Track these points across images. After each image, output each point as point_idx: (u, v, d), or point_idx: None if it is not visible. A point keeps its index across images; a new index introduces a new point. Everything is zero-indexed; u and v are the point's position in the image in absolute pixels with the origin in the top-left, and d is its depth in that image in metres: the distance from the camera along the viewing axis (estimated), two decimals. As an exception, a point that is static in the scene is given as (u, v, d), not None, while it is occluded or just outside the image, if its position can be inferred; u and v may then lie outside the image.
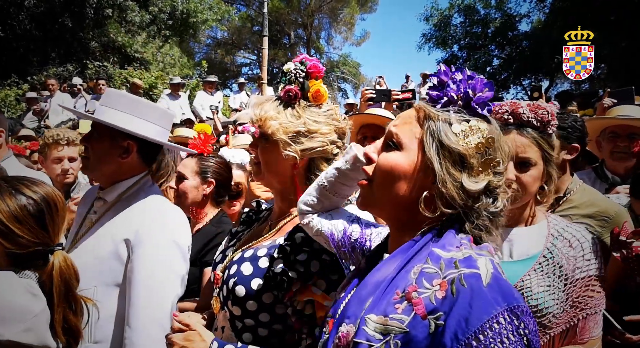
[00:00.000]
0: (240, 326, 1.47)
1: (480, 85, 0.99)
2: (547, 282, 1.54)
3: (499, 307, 0.82)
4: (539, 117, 1.60)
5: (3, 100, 12.83)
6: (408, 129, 1.01)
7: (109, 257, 1.69)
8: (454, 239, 0.95)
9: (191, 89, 14.06)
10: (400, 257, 0.96)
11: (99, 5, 13.72)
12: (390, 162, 1.00)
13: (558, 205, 2.25)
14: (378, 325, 0.88)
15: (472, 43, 23.16)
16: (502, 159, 0.98)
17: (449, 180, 0.94)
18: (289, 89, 1.50)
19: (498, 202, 0.98)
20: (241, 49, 27.83)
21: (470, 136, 0.95)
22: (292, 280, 1.34)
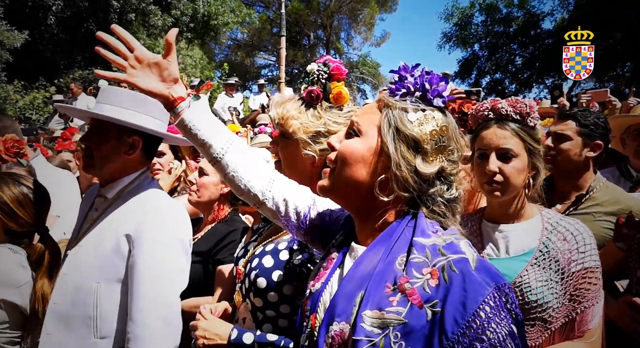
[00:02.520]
0: (262, 317, 1.51)
1: (436, 79, 1.05)
2: (544, 277, 1.54)
3: (489, 287, 0.87)
4: (517, 110, 1.65)
5: (31, 103, 13.22)
6: (368, 118, 1.07)
7: (110, 253, 1.68)
8: (427, 224, 1.00)
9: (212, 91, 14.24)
10: (381, 248, 1.00)
11: (123, 10, 14.02)
12: (349, 147, 1.06)
13: (581, 203, 2.23)
14: (375, 320, 0.91)
15: (494, 42, 22.87)
16: (456, 148, 1.04)
17: (403, 163, 0.99)
18: (311, 90, 1.53)
19: (452, 189, 1.03)
20: (261, 51, 28.05)
21: (425, 124, 1.02)
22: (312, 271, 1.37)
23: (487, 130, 1.68)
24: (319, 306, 1.06)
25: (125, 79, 1.31)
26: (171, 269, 1.71)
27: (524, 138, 1.64)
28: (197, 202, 2.52)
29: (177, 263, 1.74)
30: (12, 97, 12.75)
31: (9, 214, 1.94)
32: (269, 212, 1.33)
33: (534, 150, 1.64)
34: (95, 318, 1.65)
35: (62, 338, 1.68)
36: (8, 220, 1.94)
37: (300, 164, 1.55)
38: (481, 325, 0.84)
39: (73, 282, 1.71)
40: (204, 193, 2.50)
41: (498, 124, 1.67)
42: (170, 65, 1.32)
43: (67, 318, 1.68)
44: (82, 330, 1.66)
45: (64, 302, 1.71)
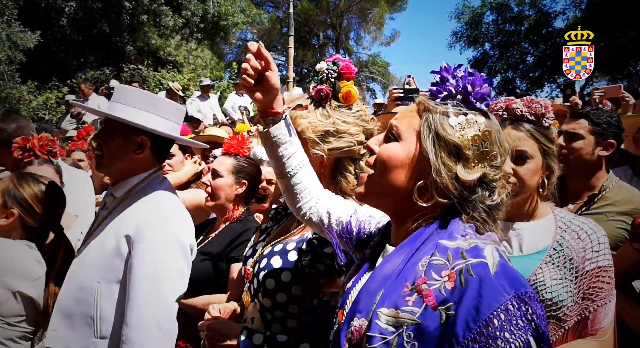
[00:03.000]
0: (270, 317, 1.51)
1: (480, 81, 1.02)
2: (559, 275, 1.53)
3: (507, 294, 0.84)
4: (532, 110, 1.62)
5: (44, 103, 13.37)
6: (407, 122, 1.05)
7: (111, 253, 1.69)
8: (458, 228, 0.97)
9: (222, 90, 14.31)
10: (407, 249, 0.99)
11: (135, 11, 14.12)
12: (388, 152, 1.04)
13: (593, 203, 2.21)
14: (390, 318, 0.90)
15: (505, 41, 22.67)
16: (499, 153, 1.01)
17: (444, 170, 0.97)
18: (320, 89, 1.52)
19: (495, 195, 1.01)
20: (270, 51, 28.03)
21: (467, 129, 0.99)
22: (320, 273, 1.37)
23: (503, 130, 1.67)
24: (347, 303, 1.07)
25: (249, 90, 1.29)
26: (169, 273, 1.70)
27: (538, 139, 1.62)
28: (214, 205, 2.53)
29: (176, 267, 1.72)
30: (26, 97, 12.90)
31: (27, 210, 2.03)
32: (316, 227, 1.35)
33: (549, 151, 1.63)
34: (96, 318, 1.66)
35: (66, 335, 1.69)
36: (27, 215, 2.03)
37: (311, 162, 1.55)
38: (493, 333, 0.82)
39: (78, 280, 1.73)
40: (219, 195, 2.51)
41: (512, 125, 1.64)
42: (275, 78, 1.29)
43: (71, 315, 1.70)
44: (84, 328, 1.67)
45: (68, 299, 1.72)
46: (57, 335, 1.71)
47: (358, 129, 1.53)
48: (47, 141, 2.76)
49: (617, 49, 17.07)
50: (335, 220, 1.30)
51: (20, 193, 2.03)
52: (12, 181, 2.07)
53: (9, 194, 2.02)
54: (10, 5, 11.84)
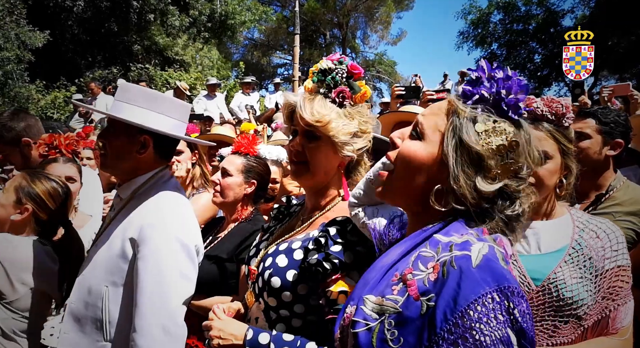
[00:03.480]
0: (275, 317, 1.51)
1: (516, 87, 0.98)
2: (578, 274, 1.53)
3: (487, 287, 0.83)
4: (553, 110, 1.60)
5: (52, 102, 13.47)
6: (433, 121, 1.02)
7: (117, 256, 1.68)
8: (460, 228, 0.95)
9: (229, 89, 14.35)
10: (407, 243, 0.99)
11: (142, 10, 14.19)
12: (410, 151, 1.02)
13: (600, 203, 2.20)
14: (375, 306, 0.91)
15: (512, 40, 22.55)
16: (526, 165, 0.97)
17: (462, 177, 0.94)
18: (341, 90, 1.51)
19: (516, 206, 0.97)
20: (277, 50, 28.13)
21: (493, 137, 0.95)
22: (327, 272, 1.37)
23: None
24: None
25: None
26: (173, 276, 1.68)
27: (558, 139, 1.60)
28: (221, 203, 2.53)
29: (180, 270, 1.71)
30: (35, 96, 13.01)
31: (40, 206, 2.10)
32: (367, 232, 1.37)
33: (567, 151, 1.61)
34: (104, 321, 1.65)
35: (77, 338, 1.70)
36: (40, 211, 2.10)
37: (331, 164, 1.56)
38: (469, 324, 0.81)
39: (87, 283, 1.72)
40: (228, 194, 2.51)
41: (533, 125, 1.60)
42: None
43: (80, 319, 1.70)
44: (93, 332, 1.67)
45: (78, 302, 1.73)
46: (68, 338, 1.71)
47: (374, 126, 1.58)
48: (73, 140, 2.79)
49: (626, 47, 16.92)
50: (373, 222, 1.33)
51: (34, 189, 2.09)
52: (25, 178, 2.12)
53: (23, 191, 2.08)
54: (19, 5, 11.93)
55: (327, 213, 1.56)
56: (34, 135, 2.96)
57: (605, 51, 17.09)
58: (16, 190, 2.08)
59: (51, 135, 2.78)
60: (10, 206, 2.06)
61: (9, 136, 2.90)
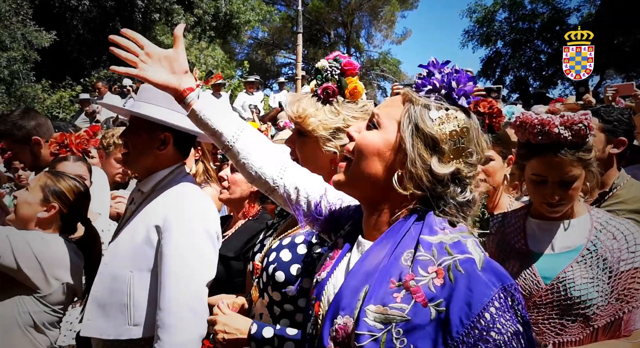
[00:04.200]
0: (279, 312, 1.53)
1: (464, 78, 1.03)
2: (590, 274, 1.53)
3: (495, 288, 0.87)
4: (574, 132, 1.52)
5: (58, 102, 13.55)
6: (389, 111, 1.06)
7: (142, 243, 1.76)
8: (435, 221, 0.99)
9: (233, 89, 14.37)
10: (388, 243, 1.00)
11: (147, 9, 14.24)
12: (366, 140, 1.06)
13: (604, 201, 2.20)
14: (377, 315, 0.91)
15: (518, 39, 22.46)
16: (475, 151, 1.02)
17: (419, 161, 0.98)
18: (326, 87, 1.53)
19: (466, 193, 1.01)
20: (281, 49, 28.14)
21: (446, 123, 1.00)
22: (319, 261, 1.38)
23: (542, 159, 1.59)
24: (322, 295, 1.08)
25: (136, 73, 1.38)
26: (198, 259, 1.76)
27: (582, 159, 1.56)
28: (228, 199, 2.55)
29: (204, 254, 1.79)
30: (40, 96, 13.08)
31: (65, 203, 2.18)
32: (280, 199, 1.34)
33: (588, 162, 1.58)
34: (129, 306, 1.73)
35: (101, 324, 1.77)
36: (65, 207, 2.18)
37: (320, 161, 1.56)
38: (486, 326, 0.85)
39: (111, 271, 1.80)
40: (235, 190, 2.52)
41: (555, 155, 1.55)
42: (179, 57, 1.39)
43: (105, 305, 1.77)
44: (118, 316, 1.74)
45: (102, 290, 1.80)
46: (92, 324, 1.79)
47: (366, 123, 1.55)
48: (83, 139, 2.83)
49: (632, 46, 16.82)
50: (304, 198, 1.29)
51: (59, 188, 2.17)
52: (49, 177, 2.20)
53: (49, 189, 2.15)
54: (26, 5, 12.00)
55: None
56: (44, 134, 3.00)
57: (611, 50, 17.00)
58: (42, 188, 2.15)
59: (62, 134, 2.82)
60: (37, 204, 2.13)
61: (19, 134, 2.94)
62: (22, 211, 2.13)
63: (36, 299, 2.02)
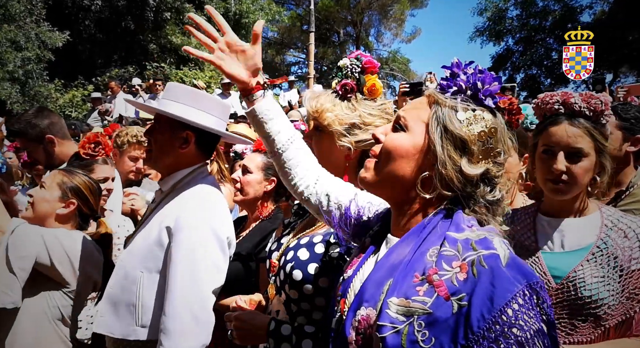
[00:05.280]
0: (296, 309, 1.53)
1: (489, 79, 1.03)
2: (601, 273, 1.51)
3: (519, 285, 0.87)
4: (592, 106, 1.56)
5: (70, 101, 13.70)
6: (415, 113, 1.07)
7: (154, 244, 1.74)
8: (463, 219, 0.99)
9: (243, 87, 14.39)
10: (413, 239, 1.01)
11: (158, 8, 14.34)
12: (394, 142, 1.06)
13: (620, 200, 2.18)
14: (400, 307, 0.92)
15: (529, 36, 22.27)
16: (503, 150, 1.03)
17: (449, 162, 0.99)
18: (345, 83, 1.55)
19: (496, 191, 1.03)
20: (291, 48, 28.18)
21: (474, 124, 1.00)
22: (348, 265, 1.38)
23: (556, 127, 1.60)
24: (348, 292, 1.09)
25: (212, 60, 1.37)
26: (205, 265, 1.73)
27: (595, 137, 1.56)
28: (242, 201, 2.56)
29: (212, 259, 1.76)
30: (53, 95, 13.24)
31: (82, 199, 2.24)
32: (313, 209, 1.37)
33: (603, 149, 1.57)
34: (137, 306, 1.72)
35: (111, 321, 1.77)
36: (82, 204, 2.24)
37: (335, 156, 1.56)
38: (508, 322, 0.85)
39: (124, 269, 1.80)
40: (248, 191, 2.54)
41: (569, 121, 1.57)
42: (256, 55, 1.39)
43: (116, 303, 1.77)
44: (127, 316, 1.74)
45: (115, 287, 1.80)
46: (104, 320, 1.79)
47: (383, 121, 1.55)
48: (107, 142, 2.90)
49: (646, 44, 16.60)
50: (335, 204, 1.30)
51: (76, 185, 2.23)
52: (64, 175, 2.25)
53: (67, 186, 2.21)
54: (39, 5, 12.15)
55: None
56: (57, 133, 3.03)
57: (624, 47, 16.80)
58: (59, 185, 2.19)
59: (95, 135, 2.86)
60: (56, 201, 2.18)
61: (33, 133, 2.98)
62: (40, 208, 2.17)
63: (64, 294, 2.08)
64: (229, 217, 1.92)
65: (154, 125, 1.92)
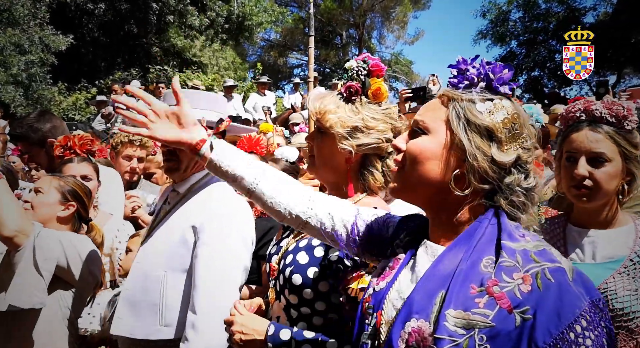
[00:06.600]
0: (296, 315, 1.51)
1: (499, 67, 1.03)
2: (634, 286, 1.49)
3: (585, 301, 0.86)
4: (613, 112, 1.55)
5: (74, 104, 13.74)
6: (432, 114, 1.05)
7: (177, 243, 1.76)
8: (512, 227, 0.97)
9: (245, 90, 14.44)
10: (462, 248, 0.98)
11: (161, 12, 14.39)
12: (419, 146, 1.04)
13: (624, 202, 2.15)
14: (459, 320, 0.89)
15: (532, 38, 22.21)
16: (529, 135, 1.02)
17: (479, 154, 0.98)
18: (350, 85, 1.53)
19: (530, 178, 1.01)
20: (293, 51, 28.21)
21: (496, 113, 1.00)
22: (348, 268, 1.37)
23: (578, 133, 1.60)
24: (384, 304, 1.05)
25: (148, 134, 1.34)
26: (232, 263, 1.76)
27: (618, 142, 1.55)
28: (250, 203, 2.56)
29: (239, 258, 1.80)
30: (57, 98, 13.28)
31: (80, 201, 2.30)
32: (314, 231, 1.30)
33: (630, 155, 1.56)
34: (161, 306, 1.74)
35: (131, 322, 1.78)
36: (81, 207, 2.31)
37: (336, 159, 1.55)
38: (575, 339, 0.83)
39: (143, 270, 1.81)
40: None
41: (590, 127, 1.58)
42: (184, 111, 1.33)
43: (136, 304, 1.78)
44: (148, 316, 1.75)
45: (134, 288, 1.81)
46: (122, 322, 1.80)
47: (386, 126, 1.54)
48: (87, 140, 2.88)
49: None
50: (339, 222, 1.26)
51: (73, 188, 2.29)
52: (59, 179, 2.31)
53: (64, 189, 2.26)
54: (43, 9, 12.20)
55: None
56: (59, 136, 3.03)
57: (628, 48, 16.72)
58: (57, 189, 2.25)
59: (66, 137, 2.86)
60: (56, 204, 2.24)
61: (35, 137, 2.99)
62: (41, 212, 2.21)
63: (73, 294, 2.15)
64: (251, 217, 1.94)
65: None
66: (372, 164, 1.56)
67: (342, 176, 1.58)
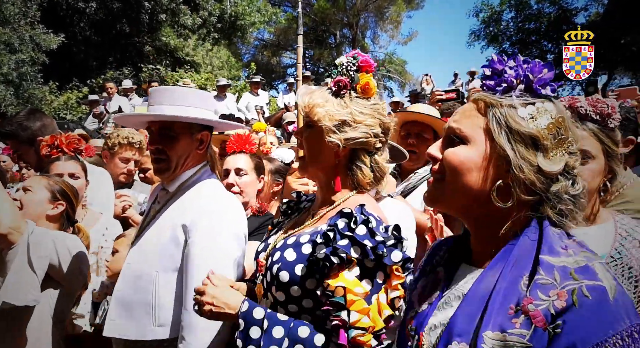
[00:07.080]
0: (283, 312, 1.50)
1: (539, 67, 0.97)
2: None
3: (624, 324, 0.82)
4: (597, 110, 1.55)
5: (65, 103, 13.64)
6: (470, 122, 1.00)
7: (168, 242, 1.75)
8: (555, 238, 0.93)
9: (239, 90, 14.40)
10: (501, 265, 0.94)
11: (154, 10, 14.31)
12: (459, 156, 0.99)
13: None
14: (496, 342, 0.87)
15: (524, 39, 22.33)
16: (574, 139, 0.96)
17: (525, 165, 0.92)
18: (339, 80, 1.54)
19: (577, 184, 0.96)
20: (287, 50, 28.17)
21: (539, 118, 0.94)
22: (334, 265, 1.37)
23: None
24: (425, 326, 1.03)
25: None
26: (224, 260, 1.75)
27: (602, 140, 1.56)
28: (244, 203, 2.57)
29: (231, 255, 1.78)
30: (48, 97, 13.18)
31: (68, 201, 2.32)
32: None
33: (612, 153, 1.57)
34: (154, 306, 1.72)
35: (124, 324, 1.76)
36: (70, 208, 2.33)
37: (324, 153, 1.55)
38: None
39: (135, 270, 1.80)
40: (249, 192, 2.58)
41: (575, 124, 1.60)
42: None
43: (128, 304, 1.77)
44: (142, 317, 1.74)
45: (126, 289, 1.79)
46: (115, 324, 1.79)
47: (374, 121, 1.54)
48: (74, 139, 2.86)
49: (640, 46, 16.67)
50: None
51: (62, 188, 2.30)
52: (47, 178, 2.33)
53: (54, 188, 2.28)
54: (33, 8, 12.10)
55: (336, 207, 1.55)
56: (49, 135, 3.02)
57: (619, 49, 16.85)
58: (47, 188, 2.27)
59: (52, 136, 2.85)
60: (46, 202, 2.25)
61: (24, 135, 2.97)
62: (31, 210, 2.21)
63: (62, 293, 2.16)
64: (243, 212, 1.93)
65: (163, 133, 1.87)
66: (360, 159, 1.56)
67: (331, 172, 1.58)
